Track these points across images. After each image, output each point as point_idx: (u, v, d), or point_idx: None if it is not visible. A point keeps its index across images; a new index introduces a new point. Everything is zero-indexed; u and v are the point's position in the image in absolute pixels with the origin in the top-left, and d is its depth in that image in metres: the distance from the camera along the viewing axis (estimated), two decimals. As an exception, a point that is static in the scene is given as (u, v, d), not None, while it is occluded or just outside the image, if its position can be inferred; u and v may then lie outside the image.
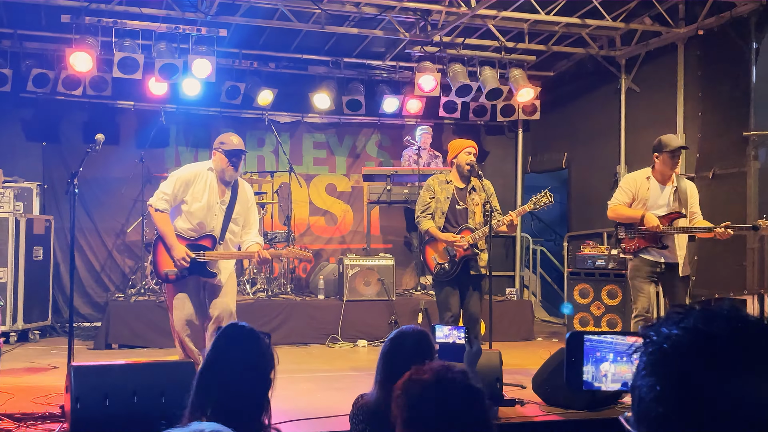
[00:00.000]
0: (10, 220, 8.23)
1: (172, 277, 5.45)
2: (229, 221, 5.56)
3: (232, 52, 10.13)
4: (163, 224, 5.51)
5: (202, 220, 5.50)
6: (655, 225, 5.96)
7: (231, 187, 5.60)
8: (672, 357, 1.00)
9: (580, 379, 1.99)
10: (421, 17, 9.13)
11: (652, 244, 6.08)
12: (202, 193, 5.49)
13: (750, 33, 7.95)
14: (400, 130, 11.44)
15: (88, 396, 4.21)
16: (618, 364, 1.99)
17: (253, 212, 5.78)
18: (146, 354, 7.70)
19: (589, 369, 1.99)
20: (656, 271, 6.11)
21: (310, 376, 6.83)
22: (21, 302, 8.24)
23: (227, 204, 5.55)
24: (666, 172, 6.16)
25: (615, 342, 2.01)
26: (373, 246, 10.22)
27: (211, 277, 5.51)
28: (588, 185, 10.83)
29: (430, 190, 6.34)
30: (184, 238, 5.50)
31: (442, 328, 3.34)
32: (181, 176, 5.58)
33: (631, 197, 6.21)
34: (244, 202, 5.66)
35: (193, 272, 5.45)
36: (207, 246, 5.48)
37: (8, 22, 9.18)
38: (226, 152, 5.52)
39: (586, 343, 2.00)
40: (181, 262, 5.38)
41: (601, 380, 2.00)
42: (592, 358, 1.99)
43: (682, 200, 6.15)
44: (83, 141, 9.83)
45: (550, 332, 9.81)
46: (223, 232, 5.54)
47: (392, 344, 3.03)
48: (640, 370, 1.04)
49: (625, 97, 10.02)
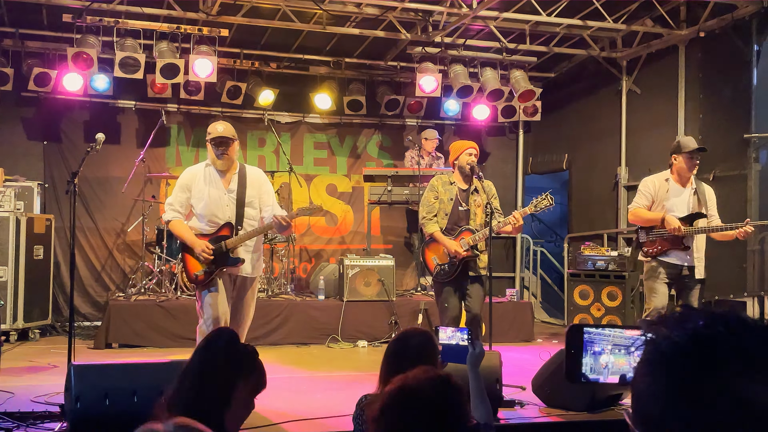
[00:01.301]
0: (11, 219, 8.23)
1: (202, 278, 5.44)
2: (244, 207, 5.53)
3: (233, 51, 10.15)
4: (179, 229, 5.55)
5: (213, 214, 5.50)
6: (677, 227, 5.95)
7: (237, 175, 5.57)
8: (671, 358, 1.00)
9: (579, 372, 2.01)
10: (422, 18, 9.13)
11: (673, 247, 6.06)
12: (204, 191, 5.50)
13: (751, 35, 7.96)
14: (401, 130, 11.44)
15: (88, 395, 4.21)
16: (617, 357, 2.00)
17: (267, 192, 5.70)
18: (146, 353, 7.70)
19: (588, 361, 2.00)
20: (674, 273, 6.11)
21: (310, 376, 6.83)
22: (21, 301, 8.24)
23: (235, 191, 5.53)
24: (684, 173, 6.15)
25: (613, 335, 2.02)
26: (374, 246, 10.22)
27: (237, 264, 5.46)
28: (588, 187, 10.84)
29: (434, 191, 6.33)
30: (203, 235, 5.51)
31: (445, 330, 3.34)
32: (180, 182, 5.63)
33: (651, 200, 6.20)
34: (255, 185, 5.61)
35: (219, 264, 5.43)
36: (227, 235, 5.46)
37: (10, 21, 9.19)
38: (211, 141, 5.54)
39: (585, 335, 2.01)
40: (203, 255, 5.37)
41: (601, 372, 2.01)
42: (590, 350, 2.00)
43: (702, 201, 6.15)
44: (84, 140, 9.84)
45: (550, 333, 9.81)
46: (240, 219, 5.52)
47: (397, 345, 3.04)
48: (639, 369, 1.04)
49: (626, 98, 10.03)
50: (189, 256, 5.52)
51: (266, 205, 5.64)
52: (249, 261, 5.54)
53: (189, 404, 2.52)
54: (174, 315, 8.18)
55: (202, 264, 5.43)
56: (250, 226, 5.55)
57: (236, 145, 5.59)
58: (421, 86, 9.86)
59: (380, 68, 10.98)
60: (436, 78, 9.82)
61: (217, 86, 9.98)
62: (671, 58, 9.20)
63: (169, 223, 5.59)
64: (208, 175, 5.54)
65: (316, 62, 10.73)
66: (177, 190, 5.60)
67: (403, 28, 9.27)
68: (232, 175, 5.56)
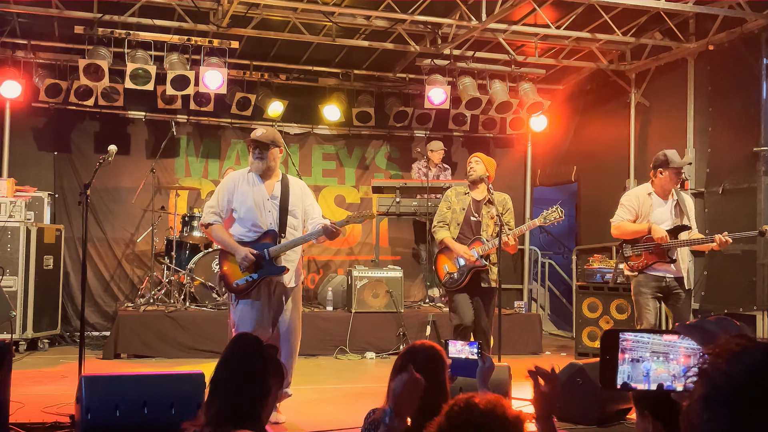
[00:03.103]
0: (21, 229, 8.27)
1: (243, 286, 5.23)
2: (287, 214, 5.38)
3: (243, 63, 10.20)
4: (220, 234, 5.38)
5: (256, 220, 5.33)
6: (663, 236, 5.90)
7: (280, 183, 5.43)
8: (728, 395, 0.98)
9: (615, 379, 1.96)
10: (431, 30, 9.17)
11: (660, 260, 6.01)
12: (247, 194, 5.35)
13: (760, 49, 7.96)
14: (409, 142, 11.46)
15: (99, 406, 4.23)
16: (657, 364, 1.95)
17: (310, 201, 5.58)
18: (155, 364, 7.71)
19: (625, 369, 1.96)
20: (661, 286, 6.05)
21: (318, 388, 6.83)
22: (31, 311, 8.27)
23: (279, 198, 5.38)
24: (668, 187, 6.15)
25: (652, 341, 1.97)
26: (382, 258, 10.23)
27: (281, 272, 5.28)
28: (597, 199, 10.81)
29: (447, 201, 6.47)
30: (244, 242, 5.31)
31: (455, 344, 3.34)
32: (222, 185, 5.51)
33: (635, 214, 6.17)
34: (298, 195, 5.48)
35: (262, 273, 5.24)
36: (269, 243, 5.28)
37: (22, 32, 9.27)
38: (248, 145, 5.44)
39: (622, 342, 1.96)
40: (244, 262, 5.18)
41: (639, 380, 1.96)
42: (628, 357, 1.96)
43: (683, 213, 6.14)
44: (94, 151, 9.91)
45: (558, 346, 9.79)
46: (283, 226, 5.36)
47: (405, 359, 3.02)
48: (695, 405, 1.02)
49: (634, 111, 10.02)
50: (229, 264, 5.31)
51: (311, 217, 5.49)
52: (291, 270, 5.37)
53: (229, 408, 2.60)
54: (183, 326, 8.19)
55: (243, 272, 5.22)
56: (291, 235, 5.38)
57: (276, 152, 5.40)
58: (429, 98, 9.88)
59: (389, 80, 11.01)
60: (444, 90, 9.84)
61: (226, 97, 10.03)
62: (680, 71, 9.19)
63: (209, 226, 5.41)
64: (251, 180, 5.39)
65: (326, 74, 10.78)
66: (219, 193, 5.44)
67: (412, 41, 9.30)
68: (275, 182, 5.42)
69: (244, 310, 5.23)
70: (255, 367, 2.72)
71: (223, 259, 5.39)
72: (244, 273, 5.22)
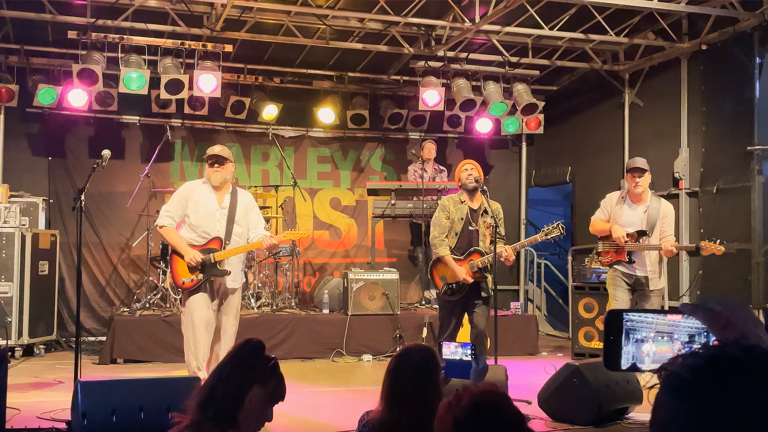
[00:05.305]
0: (16, 234, 8.25)
1: (189, 285, 5.86)
2: (233, 224, 6.00)
3: (237, 67, 10.20)
4: (171, 236, 6.01)
5: (206, 227, 5.95)
6: (619, 236, 6.48)
7: (230, 195, 6.06)
8: (691, 384, 1.01)
9: (619, 360, 1.93)
10: (425, 33, 9.18)
11: (620, 258, 6.61)
12: (200, 204, 5.96)
13: (753, 48, 7.99)
14: (404, 144, 11.47)
15: (95, 412, 4.22)
16: (659, 345, 1.93)
17: (255, 213, 6.22)
18: (151, 369, 7.70)
19: (629, 349, 1.93)
20: (631, 281, 6.64)
21: (315, 391, 6.82)
22: (26, 317, 8.25)
23: (227, 209, 6.01)
24: (634, 190, 6.65)
25: (656, 321, 1.95)
26: (378, 260, 10.22)
27: (224, 275, 5.90)
28: (592, 199, 10.76)
29: (445, 211, 6.37)
30: (193, 245, 5.95)
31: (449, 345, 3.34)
32: (178, 193, 6.13)
33: (608, 215, 6.78)
34: (245, 207, 6.11)
35: (207, 273, 5.87)
36: (216, 248, 5.93)
37: (15, 38, 9.26)
38: (207, 158, 6.08)
39: (626, 322, 1.94)
40: (191, 262, 5.80)
41: (643, 360, 1.94)
42: (633, 337, 1.94)
43: (651, 221, 6.58)
44: (89, 156, 9.90)
45: (554, 346, 9.80)
46: (229, 234, 5.98)
47: (398, 361, 3.03)
48: (660, 400, 1.04)
49: (628, 111, 10.05)
50: (178, 263, 5.95)
51: (256, 226, 6.15)
52: (233, 273, 5.98)
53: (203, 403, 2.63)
54: (179, 330, 8.13)
55: (190, 271, 5.86)
56: (236, 242, 6.00)
57: (230, 166, 6.08)
58: (424, 100, 9.89)
59: (383, 82, 11.02)
60: (439, 92, 9.85)
61: (221, 101, 10.03)
62: (673, 71, 9.22)
63: (162, 227, 6.04)
64: (205, 191, 6.02)
65: (320, 77, 10.78)
66: (175, 200, 6.07)
67: (405, 43, 9.31)
68: (225, 194, 6.06)
69: (188, 305, 5.90)
70: (240, 369, 2.73)
71: (173, 258, 6.04)
72: (191, 273, 5.87)
